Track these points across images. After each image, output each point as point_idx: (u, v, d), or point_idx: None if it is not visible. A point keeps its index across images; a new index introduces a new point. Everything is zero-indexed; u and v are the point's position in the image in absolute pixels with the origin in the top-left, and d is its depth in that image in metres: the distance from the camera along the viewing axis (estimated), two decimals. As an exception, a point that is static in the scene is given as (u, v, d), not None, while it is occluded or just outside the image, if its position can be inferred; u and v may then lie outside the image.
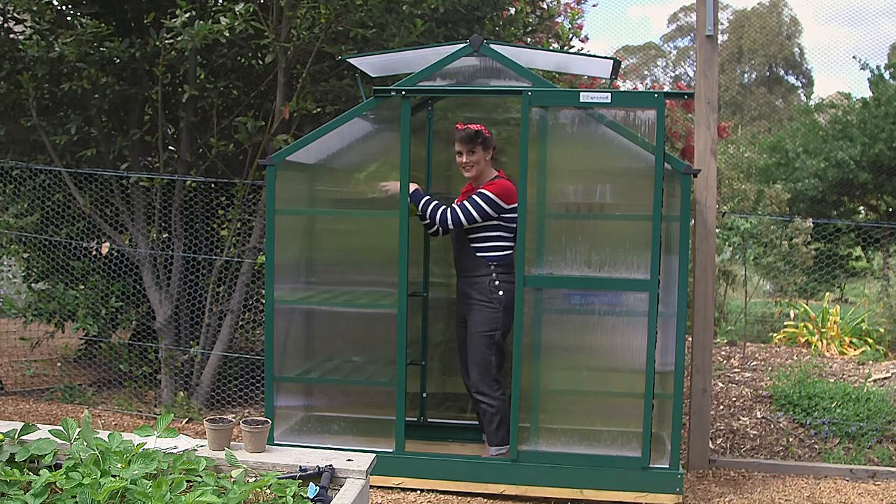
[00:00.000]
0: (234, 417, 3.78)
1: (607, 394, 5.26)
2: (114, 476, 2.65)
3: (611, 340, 5.12)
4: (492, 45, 5.26)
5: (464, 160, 5.24)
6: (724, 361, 7.98)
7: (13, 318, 7.57)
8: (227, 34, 6.15)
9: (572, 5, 9.64)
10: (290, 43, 6.43)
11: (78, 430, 2.98)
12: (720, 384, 7.18)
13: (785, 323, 9.85)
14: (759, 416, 6.55)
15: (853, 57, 38.28)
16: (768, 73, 39.76)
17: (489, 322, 5.17)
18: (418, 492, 5.14)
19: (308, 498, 2.84)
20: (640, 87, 23.67)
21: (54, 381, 7.54)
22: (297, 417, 5.60)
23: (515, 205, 5.11)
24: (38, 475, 2.60)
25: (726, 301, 10.52)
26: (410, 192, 5.15)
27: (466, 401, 6.16)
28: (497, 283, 5.16)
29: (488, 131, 5.29)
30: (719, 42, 5.81)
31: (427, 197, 5.24)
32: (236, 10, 6.10)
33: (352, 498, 2.85)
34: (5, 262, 8.23)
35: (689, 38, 40.15)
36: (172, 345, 6.98)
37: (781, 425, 6.39)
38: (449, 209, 5.16)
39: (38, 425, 3.04)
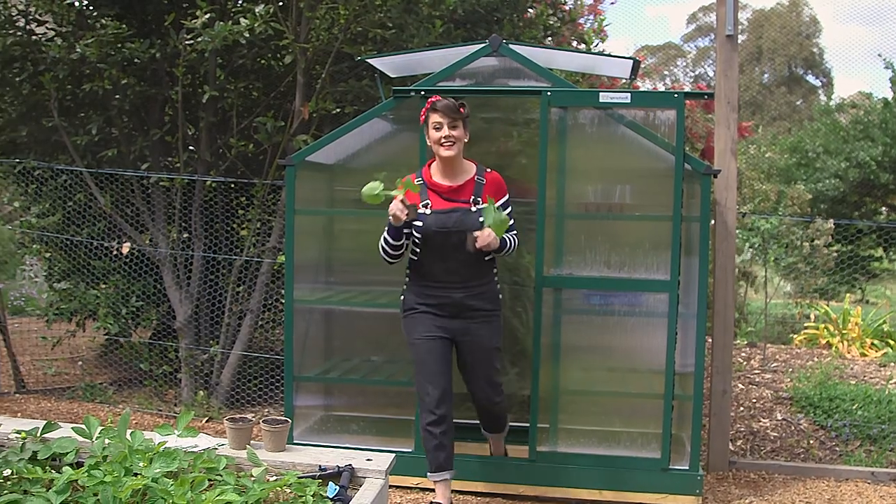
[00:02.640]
0: (253, 417, 3.77)
1: (627, 395, 5.25)
2: (135, 474, 2.66)
3: (630, 341, 5.11)
4: (511, 46, 5.25)
5: (445, 133, 4.46)
6: (745, 363, 7.94)
7: (36, 317, 7.63)
8: (247, 35, 6.17)
9: (596, 7, 9.61)
10: (310, 44, 6.44)
11: (100, 428, 2.99)
12: (740, 385, 7.15)
13: (805, 324, 9.79)
14: (779, 417, 6.52)
15: (878, 55, 38.09)
16: (788, 73, 39.54)
17: (499, 331, 4.75)
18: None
19: (327, 497, 2.85)
20: (660, 88, 23.60)
21: (75, 380, 7.58)
22: (316, 417, 5.61)
23: None
24: (60, 473, 2.62)
25: (746, 302, 10.46)
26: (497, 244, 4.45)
27: (485, 401, 6.17)
28: (498, 286, 4.74)
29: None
30: (739, 42, 5.78)
31: (503, 240, 4.51)
32: (256, 11, 6.13)
33: (371, 497, 2.85)
34: (27, 262, 8.29)
35: (708, 37, 39.99)
36: (192, 344, 7.00)
37: (802, 427, 6.35)
38: (514, 237, 4.63)
39: (60, 423, 3.06)
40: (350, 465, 3.05)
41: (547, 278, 4.98)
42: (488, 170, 4.65)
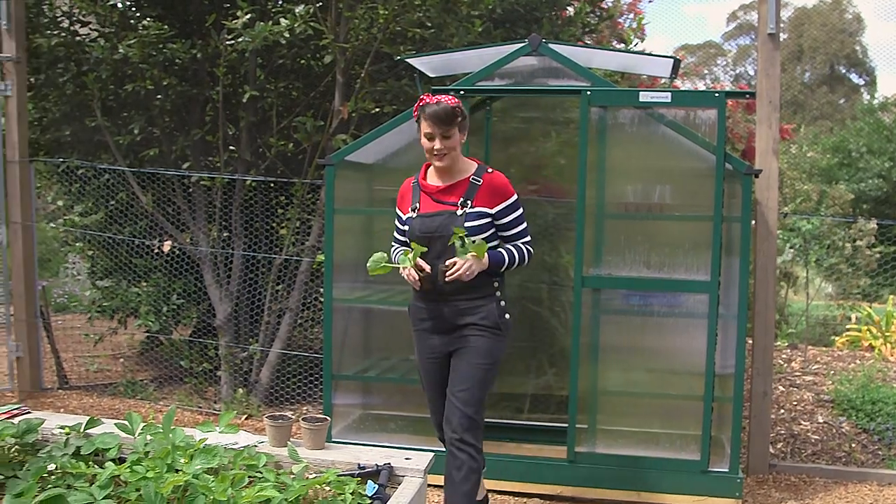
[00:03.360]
0: (292, 414, 3.80)
1: (666, 396, 5.21)
2: (177, 470, 2.69)
3: (670, 342, 5.08)
4: (550, 45, 5.23)
5: (437, 146, 3.97)
6: (785, 365, 7.86)
7: (78, 314, 7.73)
8: (287, 35, 6.21)
9: (635, 6, 9.56)
10: (349, 43, 6.46)
11: (142, 424, 3.03)
12: (781, 388, 7.08)
13: (847, 326, 9.68)
14: (820, 420, 6.44)
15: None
16: (830, 72, 39.05)
17: (494, 351, 4.06)
18: (475, 491, 5.14)
19: (366, 495, 2.86)
20: (700, 87, 23.42)
21: (116, 377, 7.67)
22: (354, 415, 5.63)
23: None
24: (102, 468, 2.65)
25: (787, 303, 10.36)
26: (483, 268, 3.92)
27: (523, 401, 6.16)
28: (503, 303, 4.09)
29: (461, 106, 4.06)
30: (780, 40, 5.72)
31: (497, 256, 4.00)
32: (296, 11, 6.16)
33: (410, 496, 2.86)
34: (70, 260, 8.39)
35: (749, 36, 39.61)
36: (232, 342, 7.06)
37: (844, 430, 6.27)
38: (523, 246, 4.10)
39: (102, 419, 3.10)
40: (389, 463, 3.05)
41: (586, 278, 4.96)
42: (490, 170, 4.10)
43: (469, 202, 4.01)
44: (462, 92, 5.04)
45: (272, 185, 7.50)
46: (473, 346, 4.02)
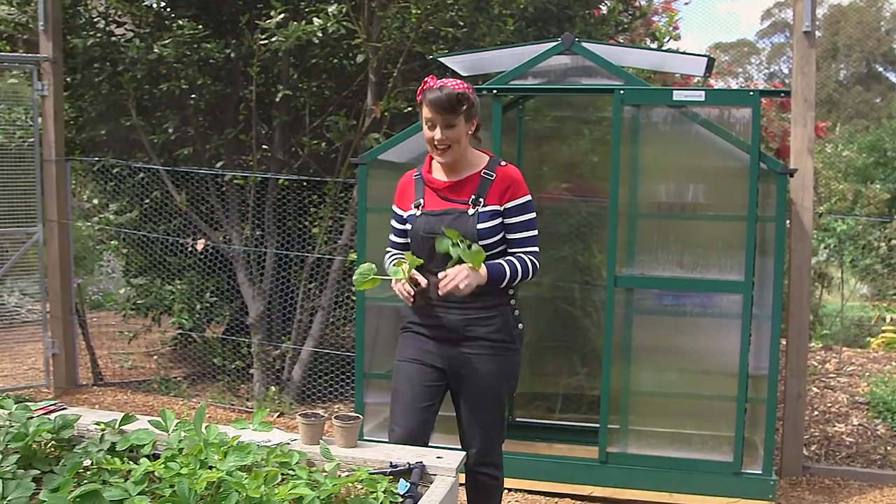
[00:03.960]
0: (324, 412, 3.83)
1: (699, 396, 5.17)
2: (210, 467, 2.71)
3: (703, 342, 5.05)
4: (583, 44, 5.22)
5: (438, 136, 3.44)
6: (819, 366, 7.79)
7: (113, 311, 7.81)
8: (320, 35, 6.24)
9: (669, 5, 9.52)
10: (382, 43, 6.48)
11: (176, 421, 3.05)
12: (815, 389, 7.02)
13: (883, 328, 9.57)
14: (855, 422, 6.38)
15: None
16: (866, 70, 38.62)
17: (512, 368, 3.61)
18: (506, 491, 5.13)
19: (398, 493, 2.86)
20: (733, 86, 23.25)
21: (150, 374, 7.74)
22: (386, 414, 5.63)
23: None
24: (137, 464, 2.67)
25: (822, 304, 10.27)
26: (481, 282, 3.39)
27: (554, 401, 6.14)
28: (517, 312, 3.62)
29: (473, 92, 3.54)
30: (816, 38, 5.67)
31: (498, 269, 3.44)
32: (329, 10, 6.19)
33: (441, 495, 2.86)
34: (105, 258, 8.48)
35: (783, 34, 39.25)
36: (264, 340, 7.10)
37: (879, 433, 6.21)
38: (527, 258, 3.52)
39: (137, 416, 3.12)
40: (421, 462, 3.05)
41: (619, 278, 4.94)
42: (503, 163, 3.61)
43: (482, 199, 3.50)
44: (495, 91, 5.03)
45: (305, 183, 7.53)
46: (489, 369, 3.54)
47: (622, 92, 4.88)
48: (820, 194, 11.20)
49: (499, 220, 3.50)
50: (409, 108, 6.72)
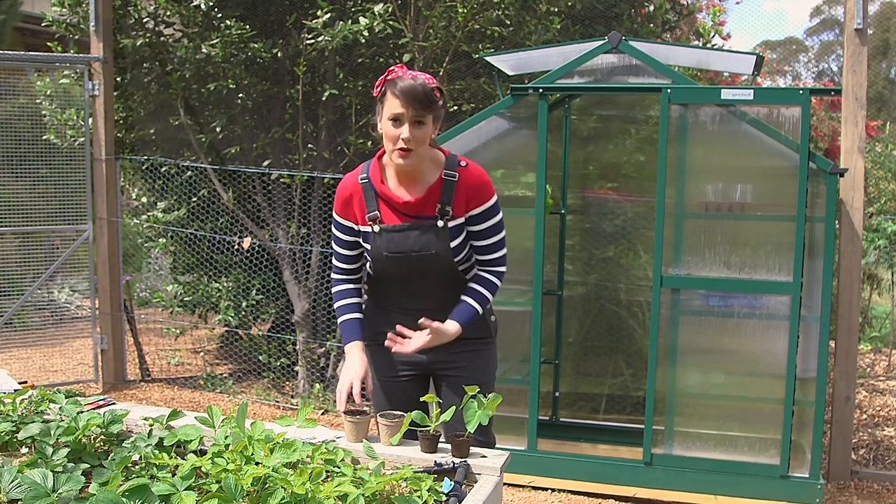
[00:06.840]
0: (369, 410, 3.84)
1: (745, 399, 5.13)
2: (256, 463, 2.73)
3: (750, 344, 5.00)
4: (630, 42, 5.19)
5: (406, 134, 3.02)
6: (868, 369, 7.67)
7: (160, 308, 7.90)
8: (366, 34, 6.26)
9: (714, 2, 9.43)
10: (428, 42, 6.49)
11: (222, 417, 3.08)
12: (863, 392, 6.92)
13: (934, 330, 9.40)
14: (905, 426, 6.29)
15: None
16: (918, 68, 37.94)
17: (493, 361, 3.47)
18: (549, 491, 5.13)
19: (443, 492, 2.87)
20: (781, 84, 22.99)
21: (196, 370, 7.83)
22: (429, 412, 5.65)
23: None
24: (184, 459, 2.70)
25: (871, 306, 10.11)
26: (447, 331, 3.18)
27: (599, 401, 6.12)
28: (488, 305, 3.34)
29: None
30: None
31: (469, 314, 3.22)
32: (375, 10, 6.21)
33: (486, 494, 2.86)
34: (153, 255, 8.57)
35: (833, 32, 38.68)
36: (309, 338, 7.14)
37: (930, 437, 6.11)
38: (492, 276, 3.28)
39: (184, 412, 3.16)
40: (465, 461, 3.05)
41: (665, 278, 4.91)
42: (463, 162, 3.24)
43: (449, 209, 3.16)
44: (541, 90, 5.02)
45: (350, 182, 7.55)
46: (476, 365, 3.38)
47: (669, 91, 4.84)
48: (870, 194, 11.03)
49: (465, 233, 3.22)
50: (455, 108, 6.73)
